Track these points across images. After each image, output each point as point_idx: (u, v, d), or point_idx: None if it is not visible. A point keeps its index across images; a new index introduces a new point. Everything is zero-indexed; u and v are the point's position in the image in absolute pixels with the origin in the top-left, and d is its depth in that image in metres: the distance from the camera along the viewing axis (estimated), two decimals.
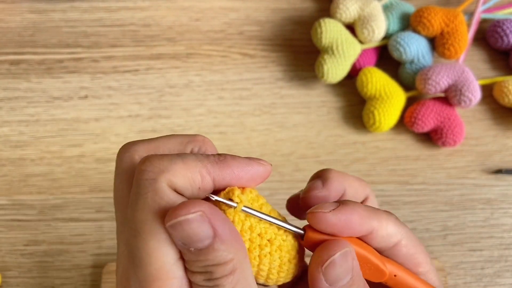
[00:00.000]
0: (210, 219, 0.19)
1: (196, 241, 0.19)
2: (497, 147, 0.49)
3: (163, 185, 0.20)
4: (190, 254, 0.19)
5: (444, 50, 0.49)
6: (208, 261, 0.19)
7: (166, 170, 0.20)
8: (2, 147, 0.47)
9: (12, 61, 0.52)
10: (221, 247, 0.19)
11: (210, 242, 0.19)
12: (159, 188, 0.20)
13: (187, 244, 0.19)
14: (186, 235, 0.19)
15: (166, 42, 0.53)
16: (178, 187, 0.20)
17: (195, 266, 0.20)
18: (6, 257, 0.43)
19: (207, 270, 0.19)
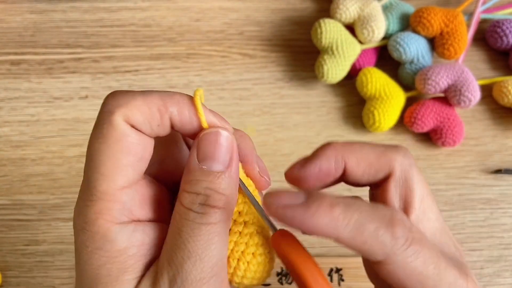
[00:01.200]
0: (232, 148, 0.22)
1: (215, 159, 0.21)
2: (497, 147, 0.49)
3: (118, 118, 0.21)
4: (199, 172, 0.21)
5: (443, 50, 0.49)
6: (212, 184, 0.21)
7: (125, 104, 0.21)
8: (3, 147, 0.47)
9: (12, 61, 0.52)
10: (228, 180, 0.21)
11: (223, 169, 0.21)
12: (113, 120, 0.20)
13: (205, 160, 0.21)
14: (211, 150, 0.21)
15: (167, 43, 0.53)
16: (135, 122, 0.21)
17: (197, 186, 0.21)
18: (6, 256, 0.43)
19: (207, 193, 0.21)
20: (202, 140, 0.22)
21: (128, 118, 0.21)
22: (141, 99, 0.21)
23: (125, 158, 0.21)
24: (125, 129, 0.21)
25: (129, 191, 0.21)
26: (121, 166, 0.21)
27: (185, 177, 0.21)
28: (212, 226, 0.21)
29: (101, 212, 0.20)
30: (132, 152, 0.21)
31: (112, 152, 0.21)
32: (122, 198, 0.21)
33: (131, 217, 0.21)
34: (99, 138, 0.21)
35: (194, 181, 0.21)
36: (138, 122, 0.21)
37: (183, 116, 0.22)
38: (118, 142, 0.21)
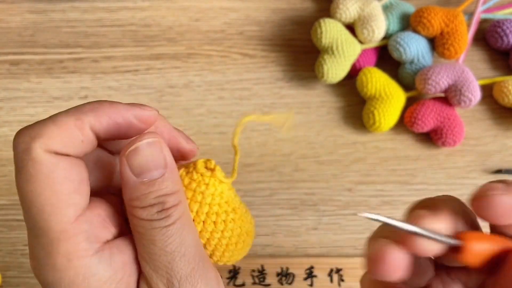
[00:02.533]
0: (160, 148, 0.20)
1: (152, 168, 0.20)
2: (497, 147, 0.49)
3: (39, 151, 0.19)
4: (143, 187, 0.20)
5: (444, 50, 0.49)
6: (161, 191, 0.20)
7: (39, 135, 0.19)
8: (2, 147, 0.47)
9: (12, 61, 0.52)
10: (171, 176, 0.21)
11: (163, 172, 0.20)
12: (35, 155, 0.19)
13: (143, 173, 0.20)
14: (144, 162, 0.20)
15: (166, 42, 0.53)
16: (57, 149, 0.20)
17: (148, 199, 0.20)
18: (6, 257, 0.43)
19: (160, 200, 0.20)
20: (130, 155, 0.20)
21: (49, 147, 0.19)
22: (52, 123, 0.20)
23: (65, 188, 0.19)
24: (51, 160, 0.19)
25: (85, 219, 0.20)
26: (65, 197, 0.19)
27: (130, 195, 0.20)
28: (178, 221, 0.20)
29: (70, 253, 0.19)
30: (69, 179, 0.20)
31: (49, 188, 0.19)
32: (82, 228, 0.20)
33: (101, 240, 0.20)
34: (28, 180, 0.19)
35: (141, 196, 0.20)
36: (59, 147, 0.20)
37: (102, 122, 0.21)
38: (50, 175, 0.19)
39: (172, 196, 0.21)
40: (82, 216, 0.20)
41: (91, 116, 0.20)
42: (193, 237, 0.21)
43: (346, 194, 0.46)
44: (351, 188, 0.47)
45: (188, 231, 0.21)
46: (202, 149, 0.48)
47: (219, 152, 0.48)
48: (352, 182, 0.47)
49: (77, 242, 0.19)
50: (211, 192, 0.23)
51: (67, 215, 0.19)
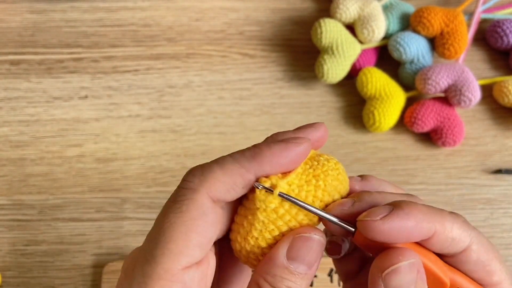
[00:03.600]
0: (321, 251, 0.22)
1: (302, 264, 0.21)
2: (497, 147, 0.49)
3: (203, 196, 0.21)
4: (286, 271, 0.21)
5: (444, 50, 0.49)
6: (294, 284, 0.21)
7: (207, 180, 0.21)
8: (2, 147, 0.47)
9: (12, 61, 0.52)
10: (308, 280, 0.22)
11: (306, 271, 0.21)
12: (198, 198, 0.21)
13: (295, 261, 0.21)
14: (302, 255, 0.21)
15: (166, 42, 0.53)
16: (220, 196, 0.21)
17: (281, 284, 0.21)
18: (6, 257, 0.43)
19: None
20: (296, 240, 0.21)
21: (212, 193, 0.21)
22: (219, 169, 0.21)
23: (196, 239, 0.20)
24: (207, 208, 0.21)
25: (191, 272, 0.21)
26: (191, 246, 0.20)
27: (269, 268, 0.21)
28: None
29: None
30: (205, 233, 0.21)
31: (185, 231, 0.20)
32: (184, 278, 0.20)
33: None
34: (176, 212, 0.20)
35: (278, 277, 0.21)
36: (222, 193, 0.21)
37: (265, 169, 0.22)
38: (194, 221, 0.20)
39: None
40: (190, 269, 0.21)
41: (255, 164, 0.21)
42: None
43: None
44: None
45: None
46: (202, 149, 0.48)
47: (219, 152, 0.47)
48: None
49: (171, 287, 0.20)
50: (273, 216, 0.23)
51: (180, 261, 0.20)
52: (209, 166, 0.21)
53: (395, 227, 0.20)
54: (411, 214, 0.20)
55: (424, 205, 0.21)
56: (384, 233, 0.20)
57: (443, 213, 0.22)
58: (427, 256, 0.21)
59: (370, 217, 0.21)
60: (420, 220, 0.20)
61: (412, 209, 0.21)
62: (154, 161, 0.47)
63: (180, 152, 0.48)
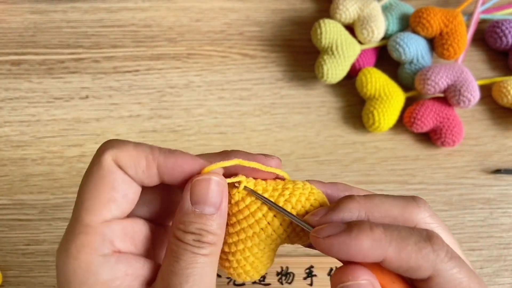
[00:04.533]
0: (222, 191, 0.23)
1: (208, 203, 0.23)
2: (496, 147, 0.49)
3: (107, 157, 0.22)
4: (192, 215, 0.22)
5: (443, 50, 0.49)
6: (205, 226, 0.22)
7: (115, 147, 0.23)
8: (4, 147, 0.48)
9: (13, 61, 0.52)
10: (221, 221, 0.23)
11: (214, 212, 0.23)
12: (102, 160, 0.22)
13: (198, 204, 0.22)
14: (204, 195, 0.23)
15: (167, 43, 0.53)
16: (122, 164, 0.23)
17: (191, 227, 0.22)
18: (7, 256, 0.43)
19: (200, 232, 0.22)
20: (195, 185, 0.23)
21: (116, 158, 0.22)
22: (132, 145, 0.23)
23: (108, 193, 0.22)
24: (111, 167, 0.22)
25: (111, 225, 0.22)
26: (104, 201, 0.22)
27: (179, 218, 0.23)
28: (208, 257, 0.22)
29: (83, 245, 0.21)
30: (115, 188, 0.22)
31: (96, 188, 0.22)
32: (103, 230, 0.22)
33: (113, 248, 0.22)
34: (87, 175, 0.23)
35: (187, 222, 0.22)
36: (124, 163, 0.23)
37: (168, 164, 0.23)
38: (102, 178, 0.22)
39: (211, 235, 0.22)
40: (109, 223, 0.22)
41: (162, 156, 0.23)
42: (211, 277, 0.23)
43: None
44: None
45: (211, 270, 0.22)
46: (202, 149, 0.48)
47: None
48: (351, 182, 0.47)
49: (92, 240, 0.22)
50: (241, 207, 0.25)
51: (98, 215, 0.22)
52: (126, 140, 0.23)
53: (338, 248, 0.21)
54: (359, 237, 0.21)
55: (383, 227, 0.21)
56: (326, 251, 0.22)
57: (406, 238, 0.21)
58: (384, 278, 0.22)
59: (316, 234, 0.22)
60: (368, 246, 0.21)
61: (361, 233, 0.21)
62: None
63: None
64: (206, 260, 0.22)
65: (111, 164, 0.22)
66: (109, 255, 0.22)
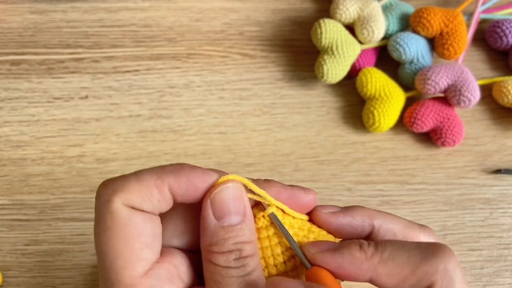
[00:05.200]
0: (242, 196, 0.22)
1: (232, 213, 0.21)
2: (496, 147, 0.49)
3: (118, 205, 0.20)
4: (223, 231, 0.21)
5: (443, 50, 0.49)
6: (239, 238, 0.21)
7: (120, 189, 0.20)
8: (3, 147, 0.48)
9: (13, 61, 0.52)
10: (250, 225, 0.22)
11: (242, 219, 0.21)
12: (114, 208, 0.20)
13: (224, 217, 0.21)
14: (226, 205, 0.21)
15: (167, 43, 0.53)
16: (135, 204, 0.21)
17: (226, 245, 0.21)
18: (7, 256, 0.43)
19: (238, 247, 0.21)
20: (214, 199, 0.21)
21: (128, 202, 0.20)
22: (135, 180, 0.21)
23: (138, 242, 0.20)
24: (128, 214, 0.20)
25: (153, 274, 0.21)
26: (137, 252, 0.20)
27: (209, 239, 0.21)
28: (253, 273, 0.21)
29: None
30: (142, 234, 0.21)
31: (122, 242, 0.20)
32: (150, 282, 0.20)
33: None
34: (105, 230, 0.20)
35: (221, 241, 0.21)
36: (137, 202, 0.21)
37: (181, 184, 0.21)
38: (125, 228, 0.20)
39: (249, 244, 0.21)
40: (152, 271, 0.21)
41: (172, 178, 0.21)
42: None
43: (346, 194, 0.46)
44: (350, 188, 0.47)
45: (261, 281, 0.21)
46: (202, 149, 0.48)
47: (219, 152, 0.48)
48: (351, 182, 0.47)
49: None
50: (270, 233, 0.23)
51: (136, 269, 0.20)
52: (124, 176, 0.21)
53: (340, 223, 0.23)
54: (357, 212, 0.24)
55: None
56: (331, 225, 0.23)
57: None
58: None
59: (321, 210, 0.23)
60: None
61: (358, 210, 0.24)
62: (155, 161, 0.47)
63: (180, 152, 0.48)
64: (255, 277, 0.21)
65: (125, 210, 0.20)
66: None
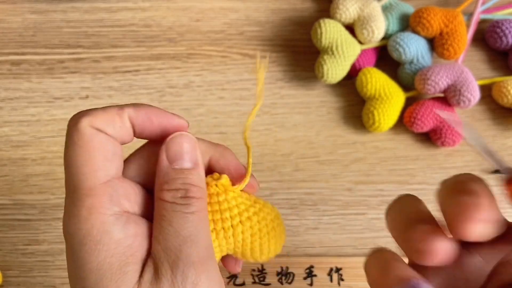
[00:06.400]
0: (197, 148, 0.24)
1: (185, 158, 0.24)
2: (496, 147, 0.49)
3: (84, 124, 0.23)
4: (173, 172, 0.23)
5: (443, 50, 0.49)
6: (187, 179, 0.23)
7: (87, 114, 0.23)
8: (3, 147, 0.48)
9: (13, 61, 0.52)
10: (200, 173, 0.24)
11: (193, 166, 0.24)
12: (81, 127, 0.23)
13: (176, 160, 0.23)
14: (179, 150, 0.24)
15: (167, 43, 0.53)
16: (99, 126, 0.23)
17: (175, 183, 0.23)
18: (7, 256, 0.43)
19: (185, 187, 0.23)
20: (169, 143, 0.24)
21: (92, 123, 0.23)
22: (100, 109, 0.24)
23: (100, 155, 0.23)
24: (91, 132, 0.23)
25: (112, 184, 0.23)
26: (99, 163, 0.23)
27: (161, 179, 0.23)
28: (197, 214, 0.23)
29: (92, 207, 0.22)
30: (104, 148, 0.23)
31: (87, 153, 0.23)
32: (108, 190, 0.22)
33: (121, 207, 0.23)
34: (71, 145, 0.23)
35: (170, 180, 0.23)
36: (101, 125, 0.23)
37: (139, 115, 0.24)
38: (89, 143, 0.23)
39: (196, 187, 0.23)
40: (111, 182, 0.23)
41: (131, 108, 0.24)
42: (206, 235, 0.23)
43: (346, 194, 0.47)
44: (350, 188, 0.47)
45: (203, 227, 0.23)
46: None
47: None
48: (351, 182, 0.47)
49: (100, 200, 0.22)
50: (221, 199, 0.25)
51: (97, 176, 0.22)
52: (94, 108, 0.24)
53: None
54: None
55: None
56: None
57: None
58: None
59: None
60: None
61: None
62: None
63: None
64: (197, 217, 0.23)
65: (90, 129, 0.23)
66: (119, 214, 0.22)
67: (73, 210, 0.22)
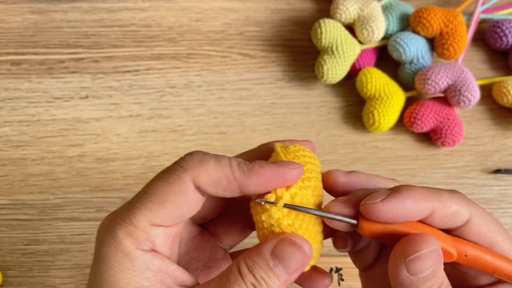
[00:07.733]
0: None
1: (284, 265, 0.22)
2: (496, 147, 0.49)
3: (187, 176, 0.23)
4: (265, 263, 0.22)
5: (443, 50, 0.49)
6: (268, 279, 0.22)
7: (198, 166, 0.23)
8: (3, 147, 0.48)
9: (13, 61, 0.52)
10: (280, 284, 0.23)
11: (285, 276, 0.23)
12: (183, 177, 0.23)
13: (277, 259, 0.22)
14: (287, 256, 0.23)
15: (167, 43, 0.53)
16: (202, 185, 0.23)
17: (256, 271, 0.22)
18: (7, 256, 0.43)
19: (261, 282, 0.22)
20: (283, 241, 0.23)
21: (196, 180, 0.23)
22: (213, 164, 0.23)
23: (170, 208, 0.23)
24: (188, 187, 0.23)
25: (158, 229, 0.23)
26: (163, 211, 0.23)
27: (252, 255, 0.23)
28: None
29: (129, 235, 0.23)
30: (179, 207, 0.23)
31: (166, 197, 0.23)
32: (150, 232, 0.23)
33: (151, 247, 0.23)
34: (164, 181, 0.23)
35: (256, 265, 0.22)
36: (204, 186, 0.23)
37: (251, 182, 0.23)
38: (176, 193, 0.23)
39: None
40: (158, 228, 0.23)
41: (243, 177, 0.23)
42: None
43: None
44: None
45: None
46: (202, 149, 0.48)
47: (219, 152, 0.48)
48: None
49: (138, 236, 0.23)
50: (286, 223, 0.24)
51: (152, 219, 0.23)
52: (208, 157, 0.24)
53: (394, 208, 0.22)
54: (408, 196, 0.22)
55: (422, 187, 0.23)
56: (384, 214, 0.22)
57: (441, 192, 0.23)
58: (431, 232, 0.23)
59: (371, 201, 0.22)
60: (418, 200, 0.22)
61: (409, 191, 0.23)
62: (155, 161, 0.47)
63: (180, 152, 0.48)
64: None
65: (189, 184, 0.23)
66: (147, 251, 0.23)
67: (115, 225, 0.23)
